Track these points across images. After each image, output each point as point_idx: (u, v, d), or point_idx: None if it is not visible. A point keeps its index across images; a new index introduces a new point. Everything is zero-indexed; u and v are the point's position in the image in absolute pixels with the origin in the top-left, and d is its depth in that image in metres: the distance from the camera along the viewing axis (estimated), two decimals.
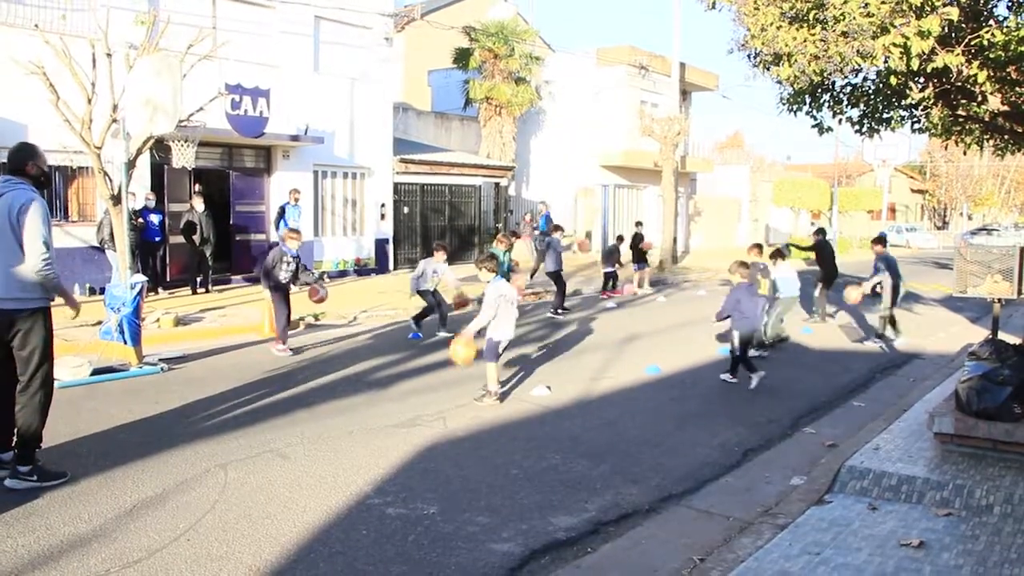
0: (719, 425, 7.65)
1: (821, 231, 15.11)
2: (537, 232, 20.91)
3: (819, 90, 9.57)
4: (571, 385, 9.12)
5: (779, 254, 11.88)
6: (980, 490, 5.29)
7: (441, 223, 23.26)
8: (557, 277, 15.25)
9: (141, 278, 9.75)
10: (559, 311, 14.89)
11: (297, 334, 12.21)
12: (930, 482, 5.47)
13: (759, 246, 12.29)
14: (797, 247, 16.66)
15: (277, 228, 17.08)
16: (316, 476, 5.92)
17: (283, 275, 10.41)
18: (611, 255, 18.28)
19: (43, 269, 5.36)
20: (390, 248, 20.99)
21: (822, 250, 14.56)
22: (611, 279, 18.13)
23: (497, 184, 25.56)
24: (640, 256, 19.31)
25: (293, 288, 10.74)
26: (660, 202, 27.41)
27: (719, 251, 32.24)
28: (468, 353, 8.13)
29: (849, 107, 9.99)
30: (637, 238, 19.52)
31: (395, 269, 20.91)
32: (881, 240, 12.59)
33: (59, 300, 5.72)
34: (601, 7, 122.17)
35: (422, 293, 12.14)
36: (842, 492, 5.59)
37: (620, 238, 19.66)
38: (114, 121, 10.89)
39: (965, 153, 12.20)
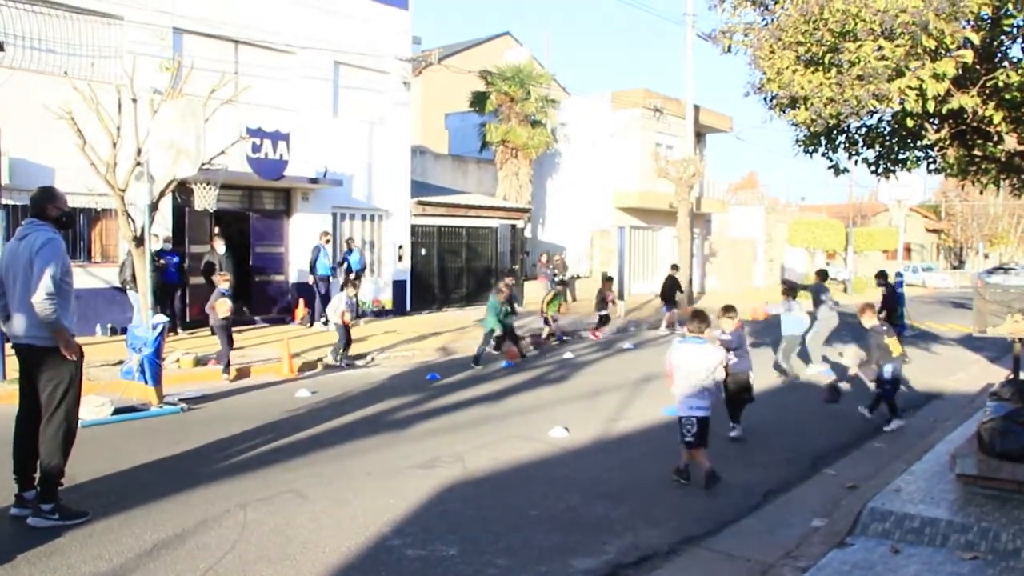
0: (738, 467, 7.59)
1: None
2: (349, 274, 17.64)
3: (835, 132, 9.65)
4: (589, 426, 9.09)
5: (791, 290, 12.61)
6: (1006, 533, 5.21)
7: (458, 264, 23.37)
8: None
9: (162, 319, 9.87)
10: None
11: (315, 375, 12.30)
12: (954, 524, 5.39)
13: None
14: None
15: (311, 271, 17.30)
16: (335, 517, 5.92)
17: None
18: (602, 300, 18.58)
19: (43, 301, 5.49)
20: (408, 289, 21.10)
21: None
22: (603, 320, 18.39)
23: (514, 226, 25.70)
24: (670, 297, 19.64)
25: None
26: (676, 243, 27.45)
27: (735, 292, 32.16)
28: None
29: (865, 148, 10.06)
30: (670, 281, 19.77)
31: (413, 310, 20.98)
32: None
33: (91, 339, 5.81)
34: (616, 51, 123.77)
35: (338, 325, 13.06)
36: (863, 534, 5.52)
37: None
38: (138, 164, 11.09)
39: (981, 193, 12.30)
